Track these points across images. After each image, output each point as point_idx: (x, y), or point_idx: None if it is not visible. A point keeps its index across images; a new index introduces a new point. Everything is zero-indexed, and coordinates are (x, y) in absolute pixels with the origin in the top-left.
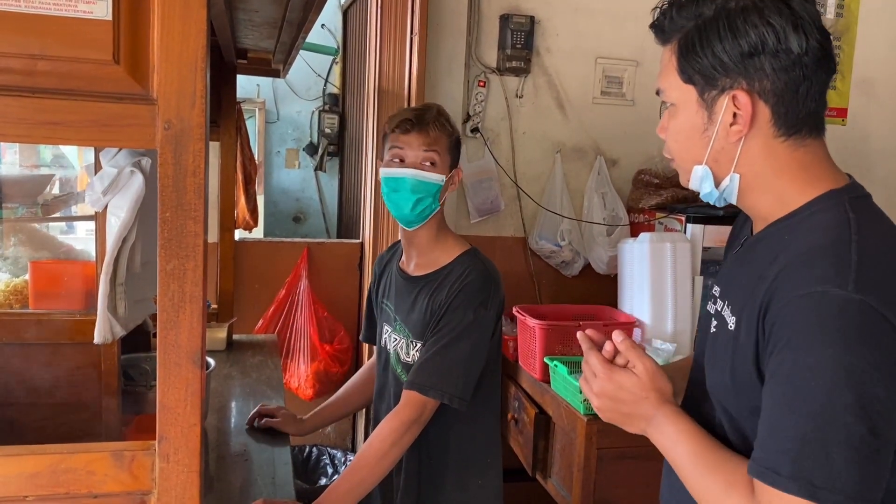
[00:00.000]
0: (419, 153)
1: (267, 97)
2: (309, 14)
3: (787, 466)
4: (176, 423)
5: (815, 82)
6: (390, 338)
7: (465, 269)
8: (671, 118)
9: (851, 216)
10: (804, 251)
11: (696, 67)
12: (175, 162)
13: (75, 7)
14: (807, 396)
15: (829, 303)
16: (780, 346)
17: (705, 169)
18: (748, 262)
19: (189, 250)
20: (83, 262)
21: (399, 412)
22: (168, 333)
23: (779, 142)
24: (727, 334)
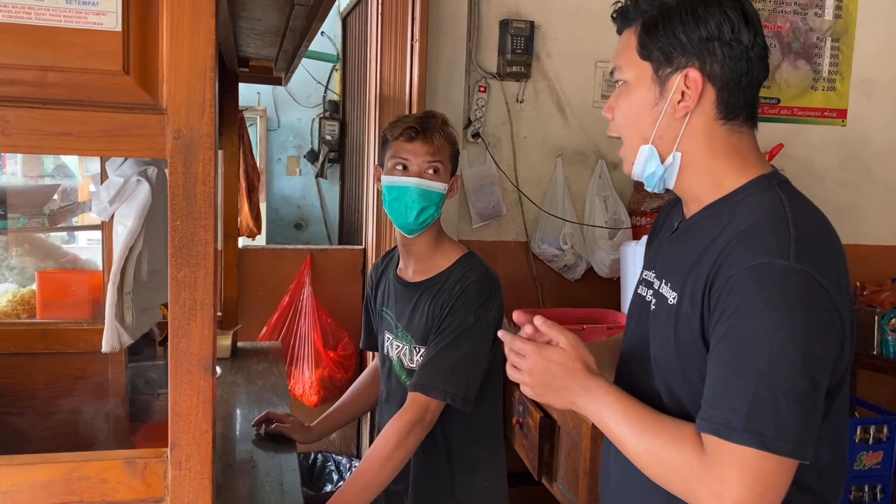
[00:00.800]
0: (424, 162)
1: (268, 105)
2: (312, 22)
3: (739, 421)
4: (188, 431)
5: (755, 76)
6: (392, 345)
7: (464, 272)
8: (622, 96)
9: (783, 196)
10: (746, 228)
11: (657, 45)
12: (185, 171)
13: (85, 18)
14: (755, 357)
15: (773, 272)
16: (728, 314)
17: (651, 148)
18: (686, 242)
19: (200, 258)
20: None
21: (402, 414)
22: (179, 341)
23: (718, 124)
24: (668, 309)
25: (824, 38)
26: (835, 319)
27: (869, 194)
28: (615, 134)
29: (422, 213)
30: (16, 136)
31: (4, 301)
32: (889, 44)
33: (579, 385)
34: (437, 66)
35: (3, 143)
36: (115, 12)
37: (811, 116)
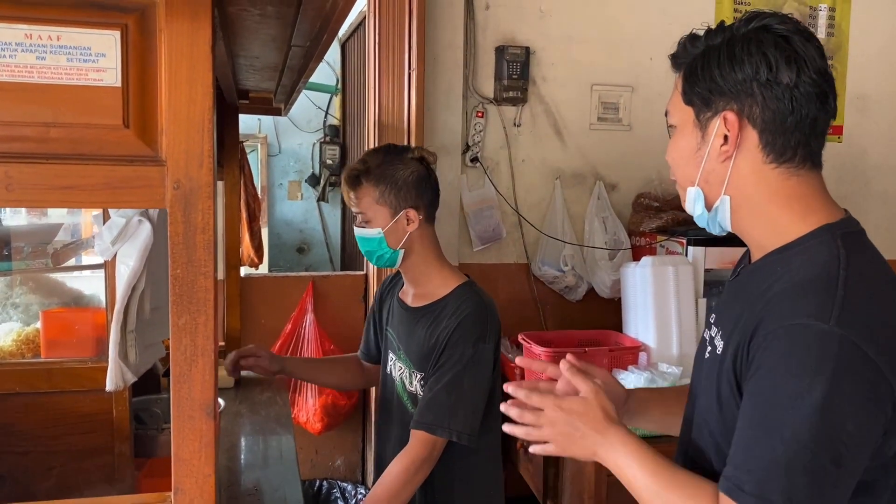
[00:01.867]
0: (354, 212)
1: (268, 131)
2: (309, 62)
3: (751, 485)
4: (191, 475)
5: (805, 116)
6: (395, 366)
7: (460, 303)
8: (672, 140)
9: (842, 252)
10: (794, 283)
11: (696, 90)
12: (185, 220)
13: (86, 76)
14: (780, 422)
15: (810, 335)
16: (760, 371)
17: (697, 190)
18: (743, 290)
19: (200, 305)
20: (93, 310)
21: (409, 452)
22: (181, 387)
23: (769, 168)
24: (715, 359)
25: None
26: (879, 390)
27: (869, 209)
28: (673, 177)
29: (371, 255)
30: (19, 191)
31: (9, 340)
32: (882, 60)
33: (599, 434)
34: (435, 93)
35: (7, 199)
36: (114, 68)
37: None
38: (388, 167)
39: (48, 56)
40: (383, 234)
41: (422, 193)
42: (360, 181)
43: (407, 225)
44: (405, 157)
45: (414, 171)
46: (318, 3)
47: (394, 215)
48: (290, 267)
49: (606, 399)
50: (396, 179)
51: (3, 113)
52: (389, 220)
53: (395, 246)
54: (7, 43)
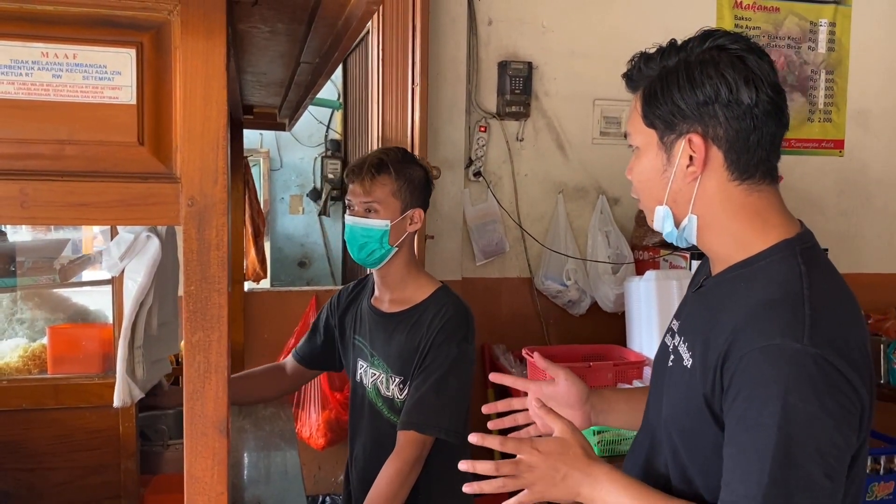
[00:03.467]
0: (360, 202)
1: (270, 146)
2: (318, 79)
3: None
4: (203, 493)
5: (766, 133)
6: (367, 373)
7: (441, 306)
8: (635, 160)
9: (803, 269)
10: (761, 304)
11: (657, 113)
12: (199, 237)
13: (102, 93)
14: (769, 443)
15: (785, 355)
16: (742, 396)
17: (666, 209)
18: (706, 303)
19: (214, 322)
20: (100, 325)
21: (401, 453)
22: (194, 404)
23: (733, 185)
24: (683, 370)
25: (819, 71)
26: (853, 401)
27: (869, 223)
28: (635, 195)
29: (363, 248)
30: (34, 208)
31: (16, 357)
32: (882, 74)
33: (582, 472)
34: (438, 108)
35: (22, 216)
36: (130, 86)
37: (809, 148)
38: (406, 165)
39: (64, 74)
40: (390, 227)
41: (426, 198)
42: (382, 170)
43: (410, 224)
44: (418, 161)
45: (425, 175)
46: (331, 21)
47: (403, 211)
48: (292, 281)
49: (582, 435)
50: (413, 178)
51: (18, 130)
52: (398, 215)
53: (394, 243)
54: (24, 61)
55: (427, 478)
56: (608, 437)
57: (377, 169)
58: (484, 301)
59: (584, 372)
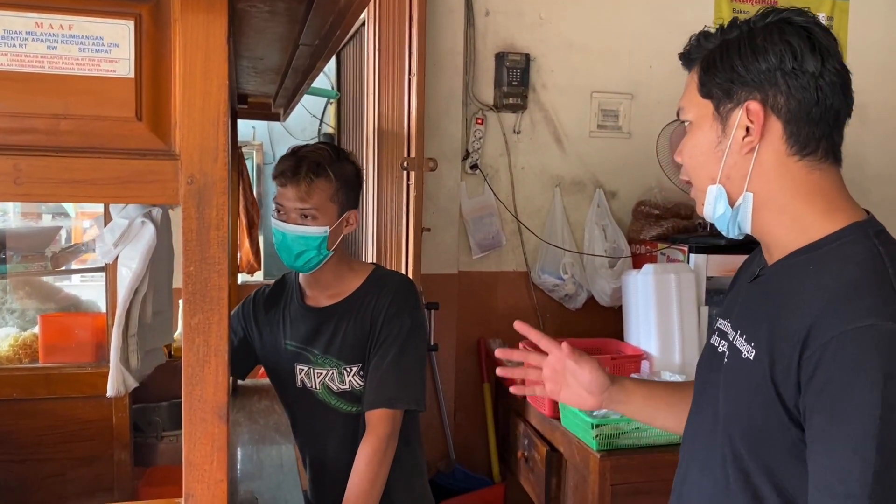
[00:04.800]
0: (296, 207)
1: (263, 139)
2: (317, 62)
3: None
4: (202, 480)
5: (830, 107)
6: (310, 375)
7: (384, 283)
8: (687, 137)
9: (882, 249)
10: (842, 284)
11: (716, 81)
12: (198, 216)
13: (98, 66)
14: (869, 435)
15: (879, 337)
16: (831, 386)
17: (719, 188)
18: (766, 292)
19: (214, 304)
20: (93, 314)
21: (374, 431)
22: (193, 388)
23: (793, 160)
24: (742, 364)
25: None
26: None
27: None
28: (686, 177)
29: (300, 256)
30: (28, 184)
31: (6, 346)
32: (880, 69)
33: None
34: (435, 100)
35: (16, 193)
36: (127, 59)
37: None
38: (341, 164)
39: (59, 46)
40: (329, 232)
41: (358, 195)
42: (321, 173)
43: (346, 227)
44: (348, 157)
45: (355, 172)
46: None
47: (339, 215)
48: None
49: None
50: (348, 178)
51: (12, 104)
52: (335, 219)
53: (331, 247)
54: (17, 32)
55: None
56: (606, 432)
57: (315, 173)
58: (480, 295)
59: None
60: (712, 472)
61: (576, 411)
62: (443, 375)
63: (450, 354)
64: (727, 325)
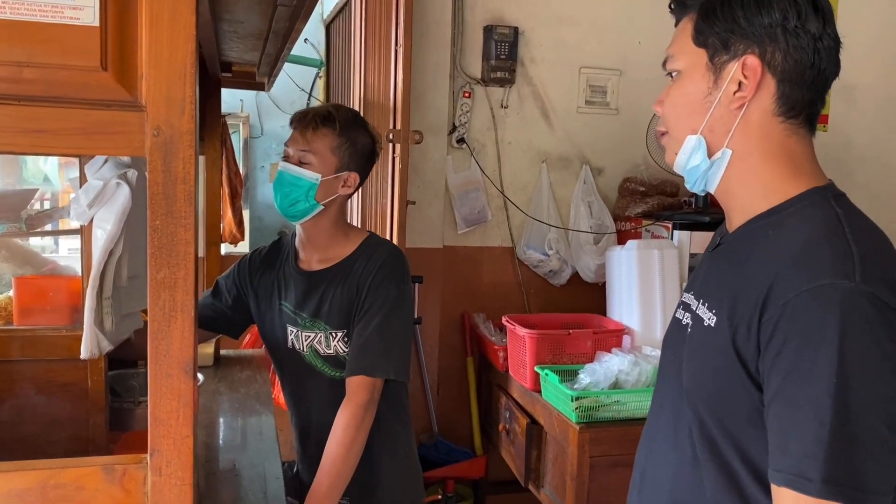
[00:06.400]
0: (296, 150)
1: (251, 112)
2: (295, 24)
3: (816, 471)
4: (168, 436)
5: (822, 71)
6: (299, 337)
7: (373, 251)
8: (673, 86)
9: (839, 211)
10: (800, 245)
11: (714, 30)
12: (165, 169)
13: (62, 13)
14: (825, 395)
15: (838, 296)
16: (790, 346)
17: (700, 139)
18: (727, 258)
19: (180, 258)
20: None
21: (353, 398)
22: (159, 344)
23: (777, 121)
24: (703, 331)
25: None
26: None
27: (851, 198)
28: (663, 128)
29: (287, 197)
30: None
31: None
32: (870, 50)
33: None
34: (422, 72)
35: None
36: (92, 7)
37: None
38: (354, 127)
39: None
40: (319, 181)
41: (365, 165)
42: (327, 123)
43: (342, 186)
44: (368, 128)
45: (369, 143)
46: None
47: (338, 170)
48: None
49: None
50: (357, 142)
51: None
52: (332, 172)
53: (321, 200)
54: None
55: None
56: (586, 404)
57: (322, 121)
58: (465, 269)
59: (563, 339)
60: (678, 444)
61: (556, 384)
62: (427, 349)
63: (434, 328)
64: (690, 297)
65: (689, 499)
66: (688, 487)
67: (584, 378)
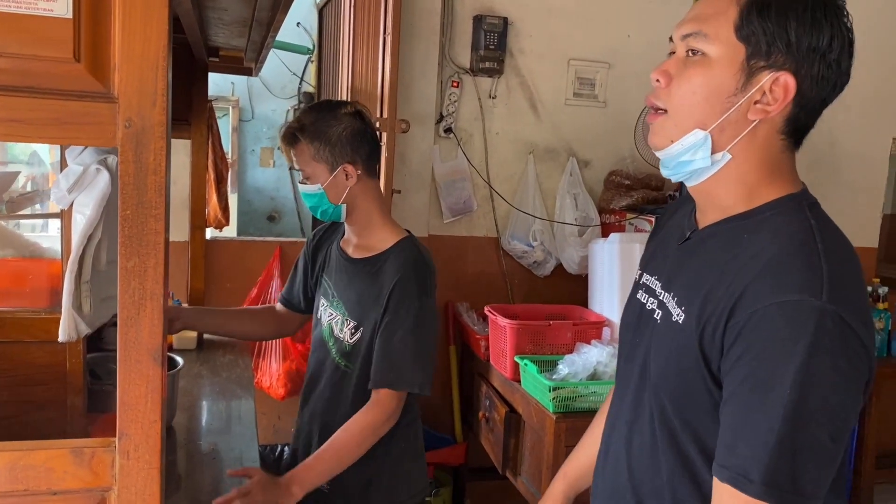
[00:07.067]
0: (296, 169)
1: (241, 95)
2: (276, 14)
3: (758, 472)
4: (136, 420)
5: (827, 102)
6: (326, 311)
7: (402, 259)
8: (694, 67)
9: (814, 223)
10: (773, 257)
11: (764, 29)
12: (136, 160)
13: (35, 5)
14: (779, 404)
15: (804, 312)
16: (751, 354)
17: (707, 136)
18: (700, 256)
19: (150, 248)
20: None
21: (377, 407)
22: (129, 330)
23: (779, 138)
24: (672, 326)
25: None
26: (864, 364)
27: (836, 196)
28: (661, 103)
29: (316, 209)
30: None
31: None
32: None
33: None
34: (411, 61)
35: None
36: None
37: None
38: (321, 124)
39: None
40: (323, 189)
41: (358, 148)
42: (297, 138)
43: (346, 180)
44: (339, 112)
45: (348, 127)
46: None
47: (331, 171)
48: (261, 234)
49: None
50: (330, 136)
51: None
52: (328, 175)
53: (337, 201)
54: None
55: None
56: (563, 395)
57: (289, 141)
58: (450, 259)
59: (543, 330)
60: (640, 427)
61: (535, 374)
62: None
63: None
64: (656, 284)
65: (646, 481)
66: (646, 470)
67: (563, 369)
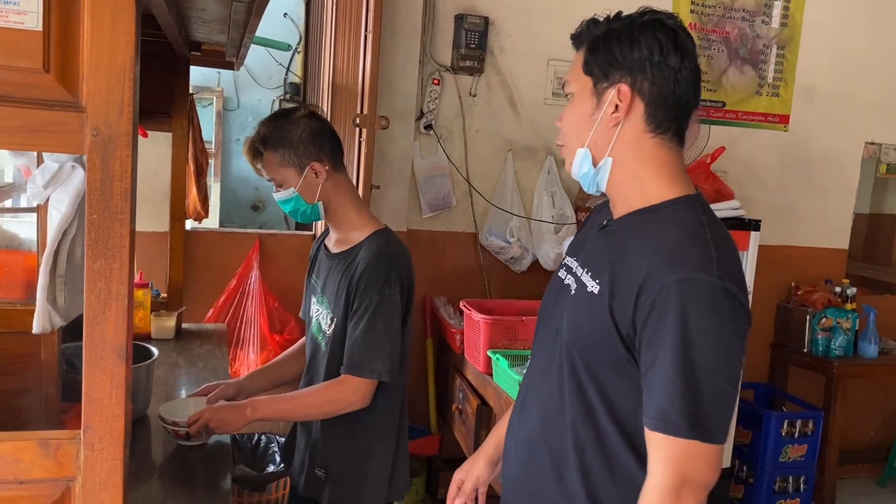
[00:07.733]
0: (268, 179)
1: (227, 85)
2: (251, 17)
3: (677, 416)
4: (100, 414)
5: (682, 97)
6: (314, 308)
7: (370, 251)
8: (568, 107)
9: (704, 219)
10: (673, 242)
11: (597, 62)
12: (103, 167)
13: (6, 17)
14: (688, 360)
15: (703, 286)
16: (665, 321)
17: (586, 151)
18: (612, 239)
19: (115, 251)
20: (24, 252)
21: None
22: (94, 329)
23: (648, 136)
24: (587, 296)
25: (770, 46)
26: (746, 325)
27: (808, 198)
28: (561, 142)
29: (295, 213)
30: None
31: None
32: (831, 53)
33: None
34: (392, 58)
35: None
36: (35, 12)
37: (755, 121)
38: (281, 131)
39: None
40: (297, 192)
41: (320, 146)
42: (260, 151)
43: (316, 178)
44: (294, 117)
45: (306, 128)
46: None
47: (300, 173)
48: (244, 224)
49: None
50: (292, 139)
51: None
52: (298, 178)
53: (312, 200)
54: None
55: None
56: None
57: (254, 154)
58: (428, 253)
59: (517, 325)
60: (551, 379)
61: (506, 368)
62: None
63: None
64: (574, 263)
65: (553, 424)
66: (554, 415)
67: None
